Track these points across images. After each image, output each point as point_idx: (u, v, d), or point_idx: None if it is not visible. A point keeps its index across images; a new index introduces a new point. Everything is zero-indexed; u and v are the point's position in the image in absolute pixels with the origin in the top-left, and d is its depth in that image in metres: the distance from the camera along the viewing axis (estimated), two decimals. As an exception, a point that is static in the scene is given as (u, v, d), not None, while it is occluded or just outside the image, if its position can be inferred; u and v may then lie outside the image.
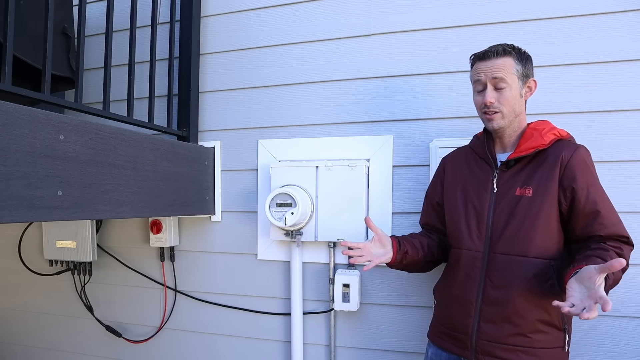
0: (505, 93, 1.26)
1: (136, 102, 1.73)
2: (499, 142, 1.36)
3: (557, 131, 1.30)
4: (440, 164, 1.53)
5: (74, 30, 1.82)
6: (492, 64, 1.26)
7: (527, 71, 1.29)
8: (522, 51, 1.29)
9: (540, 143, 1.26)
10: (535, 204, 1.23)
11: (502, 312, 1.23)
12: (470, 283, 1.30)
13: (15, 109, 1.11)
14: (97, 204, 1.35)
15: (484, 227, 1.30)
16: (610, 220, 1.19)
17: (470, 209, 1.34)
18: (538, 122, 1.34)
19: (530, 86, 1.31)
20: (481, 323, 1.26)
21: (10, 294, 2.45)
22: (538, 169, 1.26)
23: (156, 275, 2.14)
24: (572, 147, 1.25)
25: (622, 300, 1.51)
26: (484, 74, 1.28)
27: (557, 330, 1.23)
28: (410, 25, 1.77)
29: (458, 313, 1.32)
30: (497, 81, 1.26)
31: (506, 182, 1.29)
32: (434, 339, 1.42)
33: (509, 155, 1.30)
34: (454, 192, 1.41)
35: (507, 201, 1.27)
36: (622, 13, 1.54)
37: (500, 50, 1.27)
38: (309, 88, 1.90)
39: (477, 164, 1.39)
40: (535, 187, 1.24)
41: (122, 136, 1.47)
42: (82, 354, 2.29)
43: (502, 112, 1.28)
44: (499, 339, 1.23)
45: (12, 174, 1.09)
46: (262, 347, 1.96)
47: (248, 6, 2.00)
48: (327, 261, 1.84)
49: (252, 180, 1.98)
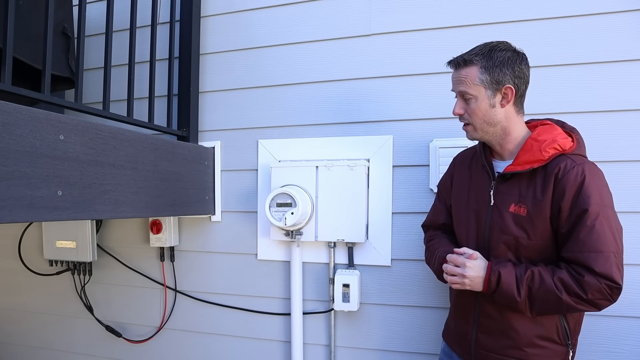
0: (471, 104, 1.21)
1: (136, 102, 1.72)
2: (494, 151, 1.31)
3: (559, 144, 1.18)
4: (452, 164, 1.49)
5: (73, 30, 1.82)
6: (457, 74, 1.23)
7: (497, 78, 1.17)
8: (492, 56, 1.18)
9: (538, 158, 1.17)
10: (529, 224, 1.18)
11: (496, 325, 1.24)
12: (468, 295, 1.30)
13: (15, 109, 1.11)
14: (97, 204, 1.35)
15: (481, 240, 1.28)
16: (579, 246, 1.10)
17: (470, 219, 1.32)
18: (542, 128, 1.24)
19: (506, 93, 1.19)
20: (478, 333, 1.28)
21: (10, 294, 2.45)
22: (534, 185, 1.19)
23: (156, 275, 2.14)
24: (570, 163, 1.15)
25: (622, 300, 1.50)
26: (453, 84, 1.25)
27: (556, 344, 1.21)
28: (410, 25, 1.77)
29: (460, 320, 1.35)
30: (461, 93, 1.23)
31: (502, 195, 1.24)
32: (447, 339, 1.46)
33: (506, 168, 1.23)
34: (459, 197, 1.39)
35: (502, 217, 1.22)
36: (622, 13, 1.54)
37: (461, 61, 1.21)
38: (309, 88, 1.90)
39: (478, 170, 1.34)
40: (529, 206, 1.18)
41: (122, 136, 1.47)
42: (82, 354, 2.29)
43: (473, 125, 1.24)
44: (495, 350, 1.24)
45: (12, 174, 1.09)
46: (262, 347, 1.96)
47: (248, 6, 2.00)
48: (327, 261, 1.84)
49: (252, 180, 1.98)
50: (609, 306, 1.13)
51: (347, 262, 1.81)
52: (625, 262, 1.49)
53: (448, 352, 1.43)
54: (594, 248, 1.09)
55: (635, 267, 1.50)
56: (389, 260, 1.76)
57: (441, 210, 1.47)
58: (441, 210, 1.47)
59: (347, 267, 1.81)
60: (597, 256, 1.08)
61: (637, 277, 1.50)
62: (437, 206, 1.50)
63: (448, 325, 1.46)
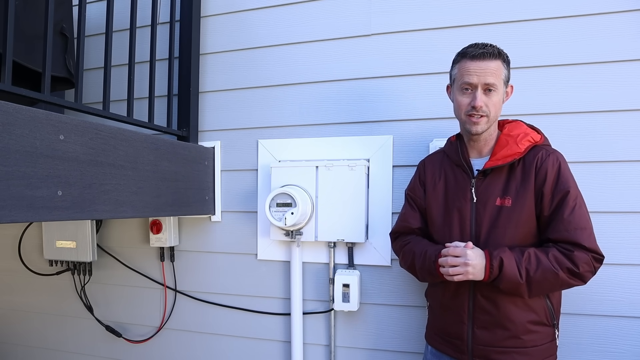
0: (493, 98, 1.24)
1: (136, 102, 1.73)
2: (474, 147, 1.35)
3: (531, 136, 1.29)
4: (420, 168, 1.50)
5: (72, 30, 1.82)
6: (487, 66, 1.22)
7: (508, 76, 1.29)
8: (506, 54, 1.28)
9: (516, 151, 1.25)
10: (515, 214, 1.24)
11: (493, 318, 1.26)
12: (461, 293, 1.31)
13: (15, 109, 1.11)
14: (97, 204, 1.35)
15: (468, 238, 1.30)
16: (565, 226, 1.18)
17: (453, 219, 1.33)
18: (511, 125, 1.33)
19: (508, 91, 1.32)
20: (475, 329, 1.28)
21: (10, 294, 2.45)
22: (515, 177, 1.26)
23: (156, 275, 2.14)
24: (545, 152, 1.25)
25: (622, 300, 1.51)
26: (477, 75, 1.22)
27: (546, 327, 1.27)
28: (410, 25, 1.77)
29: (452, 321, 1.34)
30: (489, 86, 1.23)
31: (485, 191, 1.29)
32: (431, 342, 1.44)
33: (485, 164, 1.29)
34: (435, 200, 1.40)
35: (488, 211, 1.27)
36: (622, 13, 1.54)
37: (495, 53, 1.23)
38: (309, 88, 1.90)
39: (453, 171, 1.37)
40: (514, 197, 1.25)
41: (122, 136, 1.47)
42: (82, 354, 2.29)
43: (489, 117, 1.26)
44: (493, 343, 1.26)
45: (12, 174, 1.09)
46: (262, 347, 1.96)
47: (248, 6, 2.00)
48: (327, 261, 1.84)
49: (252, 180, 1.98)
50: (591, 279, 1.22)
51: (347, 262, 1.81)
52: (625, 262, 1.51)
53: (437, 353, 1.41)
54: (579, 225, 1.18)
55: (635, 267, 1.50)
56: (389, 260, 1.76)
57: (414, 215, 1.46)
58: (414, 215, 1.46)
59: (347, 267, 1.81)
60: (582, 232, 1.17)
61: (637, 277, 1.50)
62: (408, 212, 1.48)
63: (432, 327, 1.44)
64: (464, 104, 1.27)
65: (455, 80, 1.30)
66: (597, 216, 1.46)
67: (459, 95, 1.29)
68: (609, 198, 1.53)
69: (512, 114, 1.61)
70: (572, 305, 1.53)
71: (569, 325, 1.53)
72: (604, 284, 1.52)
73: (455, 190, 1.35)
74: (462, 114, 1.29)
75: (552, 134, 1.46)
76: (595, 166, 1.54)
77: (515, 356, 1.23)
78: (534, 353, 1.24)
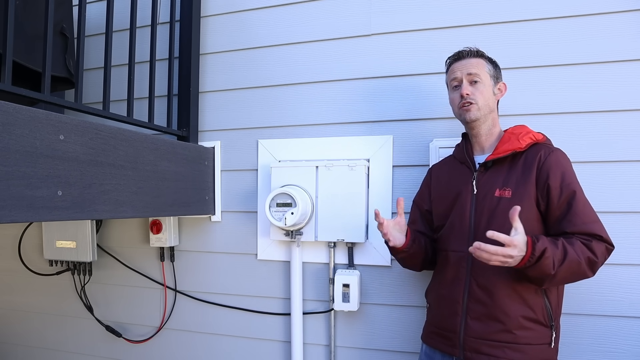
0: (479, 87, 1.35)
1: (136, 102, 1.72)
2: (477, 143, 1.41)
3: (533, 135, 1.34)
4: (428, 173, 1.59)
5: (72, 30, 1.82)
6: (467, 62, 1.37)
7: (497, 74, 1.40)
8: (491, 58, 1.40)
9: (517, 146, 1.30)
10: (514, 205, 1.19)
11: (487, 310, 1.27)
12: (457, 283, 1.34)
13: (15, 109, 1.11)
14: (97, 204, 1.35)
15: (467, 228, 1.34)
16: (582, 219, 1.21)
17: (454, 212, 1.39)
18: (515, 126, 1.39)
19: (501, 88, 1.41)
20: (468, 321, 1.29)
21: (10, 294, 2.45)
22: (516, 170, 1.30)
23: (156, 275, 2.14)
24: (547, 149, 1.29)
25: (622, 300, 1.51)
26: (459, 71, 1.37)
27: (542, 326, 1.25)
28: (410, 25, 1.77)
29: (447, 312, 1.36)
30: (472, 76, 1.35)
31: (485, 183, 1.33)
32: (426, 340, 1.47)
33: (487, 157, 1.35)
34: (439, 197, 1.47)
35: (488, 202, 1.31)
36: (622, 13, 1.54)
37: (474, 51, 1.38)
38: (309, 88, 1.90)
39: (458, 169, 1.45)
40: (513, 188, 1.28)
41: (122, 136, 1.47)
42: (82, 354, 2.29)
43: (478, 104, 1.34)
44: (485, 336, 1.26)
45: (12, 174, 1.09)
46: (262, 347, 1.96)
47: (248, 6, 2.00)
48: (327, 261, 1.84)
49: (252, 180, 1.98)
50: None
51: (347, 262, 1.81)
52: (625, 262, 1.51)
53: (429, 352, 1.43)
54: (592, 219, 1.22)
55: (635, 267, 1.50)
56: (389, 260, 1.76)
57: (416, 218, 1.55)
58: (416, 218, 1.55)
59: (347, 267, 1.81)
60: (596, 224, 1.21)
61: (637, 277, 1.50)
62: (413, 214, 1.57)
63: (428, 325, 1.48)
64: (455, 100, 1.39)
65: (448, 84, 1.45)
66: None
67: (451, 93, 1.43)
68: (609, 198, 1.53)
69: (512, 114, 1.61)
70: (572, 305, 1.53)
71: (569, 325, 1.53)
72: (604, 284, 1.52)
73: (457, 183, 1.41)
74: (456, 108, 1.40)
75: (552, 134, 1.47)
76: (595, 166, 1.54)
77: (507, 351, 1.23)
78: (528, 351, 1.23)
